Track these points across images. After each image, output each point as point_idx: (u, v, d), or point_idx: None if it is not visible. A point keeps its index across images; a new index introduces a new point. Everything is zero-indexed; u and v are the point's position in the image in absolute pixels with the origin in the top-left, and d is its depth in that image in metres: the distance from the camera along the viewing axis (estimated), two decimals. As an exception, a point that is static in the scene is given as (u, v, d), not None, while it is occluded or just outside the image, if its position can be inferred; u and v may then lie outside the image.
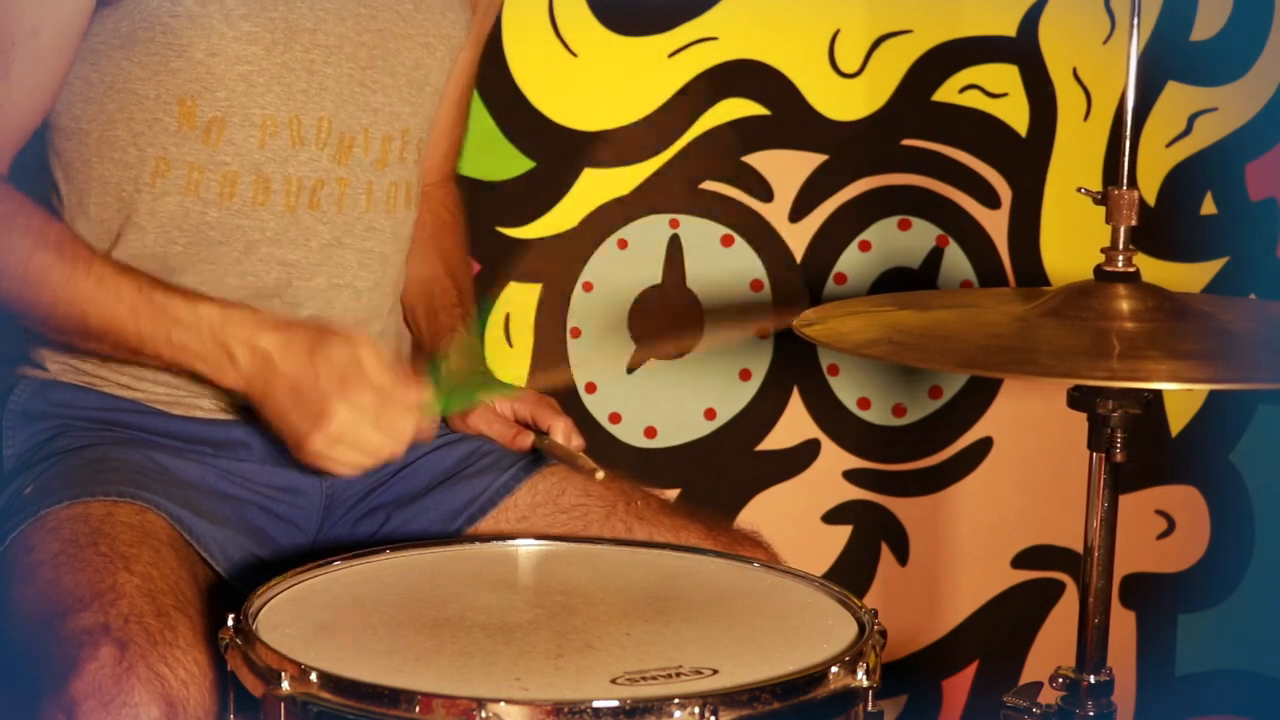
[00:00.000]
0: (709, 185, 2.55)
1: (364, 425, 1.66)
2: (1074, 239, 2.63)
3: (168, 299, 1.72)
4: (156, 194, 1.79)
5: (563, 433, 1.93)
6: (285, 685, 1.39)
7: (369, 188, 1.86)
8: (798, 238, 2.58)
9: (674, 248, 2.54)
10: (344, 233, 1.85)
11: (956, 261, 2.64)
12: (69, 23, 1.74)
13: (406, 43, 1.87)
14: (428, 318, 2.04)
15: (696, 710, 1.34)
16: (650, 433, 2.57)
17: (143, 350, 1.72)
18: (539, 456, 1.93)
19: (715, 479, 2.61)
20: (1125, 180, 1.72)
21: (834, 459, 2.65)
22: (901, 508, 2.69)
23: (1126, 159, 1.74)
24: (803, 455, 2.64)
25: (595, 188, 2.50)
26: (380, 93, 1.85)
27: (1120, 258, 1.72)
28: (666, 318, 2.56)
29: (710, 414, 2.59)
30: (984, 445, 2.70)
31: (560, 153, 2.48)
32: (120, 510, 1.68)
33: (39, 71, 1.75)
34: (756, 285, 2.57)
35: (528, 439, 1.94)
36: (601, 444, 2.54)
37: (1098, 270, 1.73)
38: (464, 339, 1.99)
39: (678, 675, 1.40)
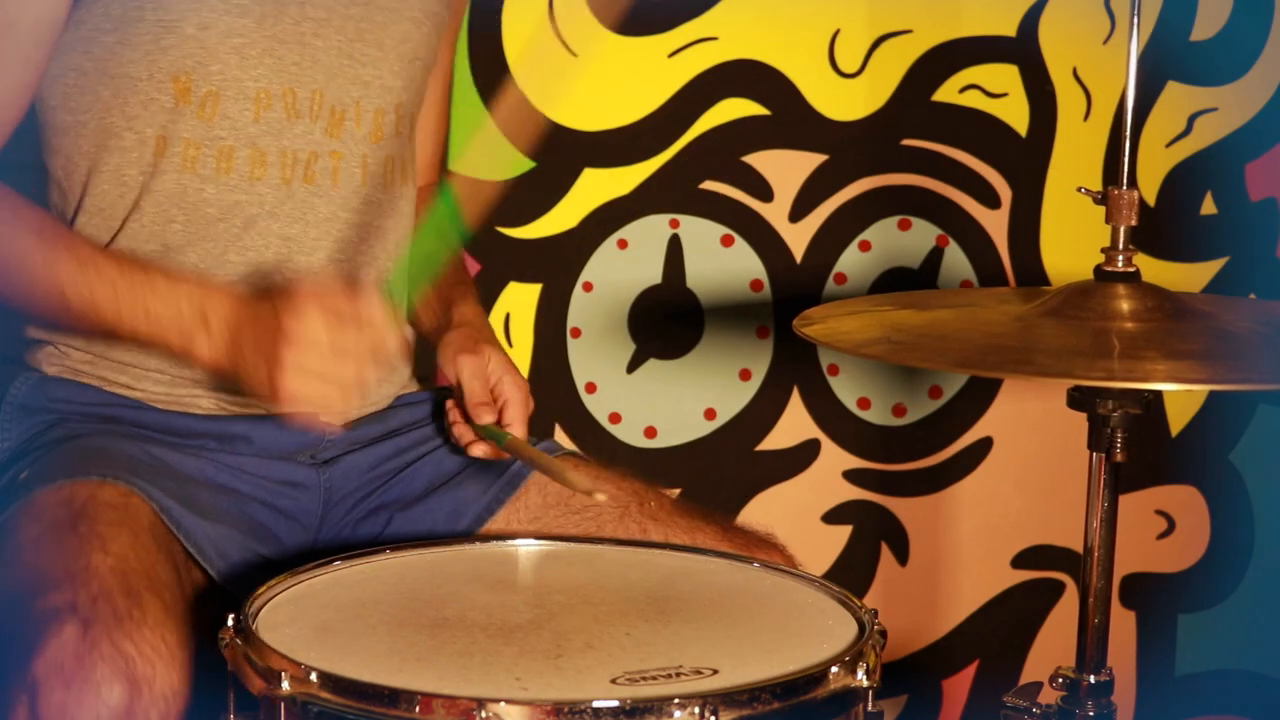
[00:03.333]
0: (709, 185, 2.55)
1: (322, 351, 1.62)
2: (1074, 239, 2.63)
3: (148, 274, 1.72)
4: (155, 174, 1.79)
5: (518, 420, 1.84)
6: (285, 685, 1.39)
7: (364, 161, 1.86)
8: (798, 238, 2.58)
9: (674, 248, 2.54)
10: (341, 206, 1.85)
11: (956, 261, 2.64)
12: (45, 15, 1.74)
13: (393, 16, 1.88)
14: (435, 291, 2.00)
15: (696, 710, 1.34)
16: (650, 433, 2.57)
17: (119, 326, 1.72)
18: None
19: (715, 479, 2.61)
20: (1125, 180, 1.72)
21: (834, 459, 2.65)
22: (901, 508, 2.69)
23: (1126, 159, 1.74)
24: (803, 455, 2.64)
25: (595, 188, 2.50)
26: (370, 66, 1.86)
27: (1120, 258, 1.72)
28: (666, 318, 2.56)
29: (710, 414, 2.59)
30: (984, 445, 2.70)
31: (560, 153, 2.48)
32: (104, 492, 1.68)
33: (16, 65, 1.75)
34: (756, 285, 2.57)
35: (479, 449, 1.85)
36: (601, 444, 2.54)
37: (1098, 270, 1.73)
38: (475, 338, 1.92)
39: (678, 675, 1.40)
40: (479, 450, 1.84)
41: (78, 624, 1.49)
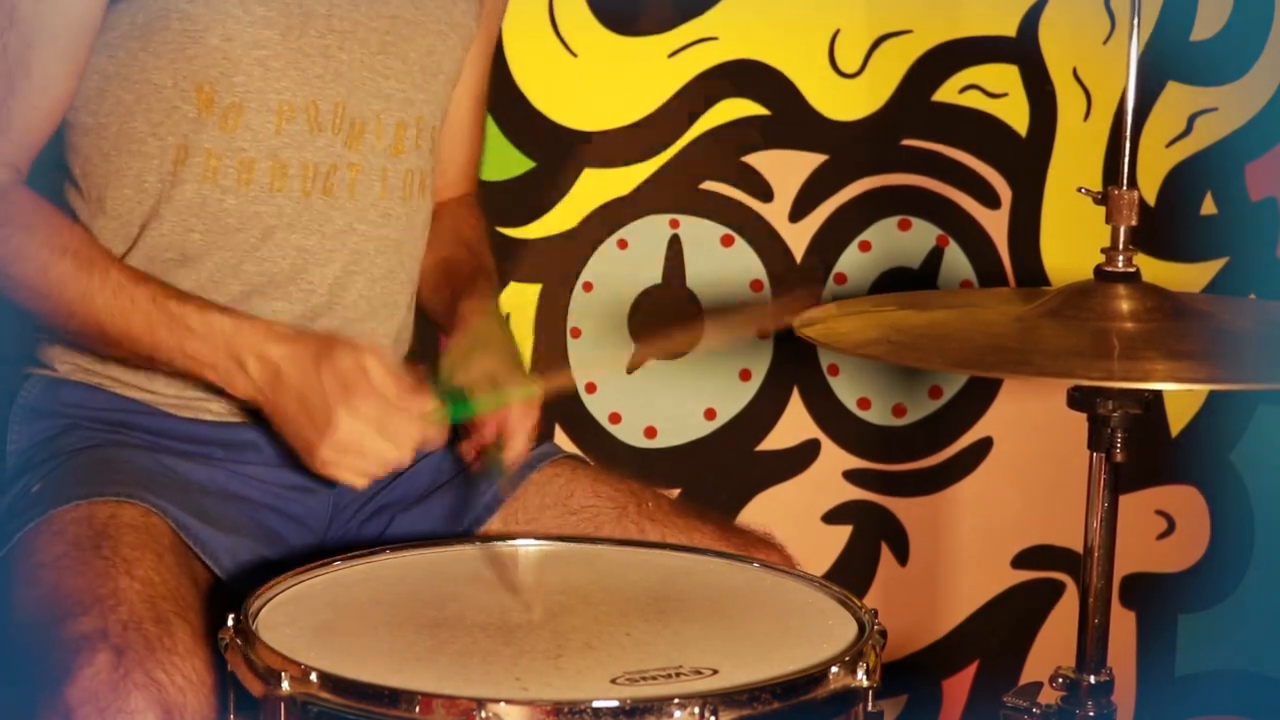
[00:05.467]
0: (709, 185, 2.55)
1: (369, 434, 1.65)
2: (1074, 239, 2.63)
3: (182, 309, 1.72)
4: (175, 182, 1.79)
5: (518, 430, 1.82)
6: (285, 685, 1.39)
7: (383, 174, 1.86)
8: (798, 238, 2.58)
9: (674, 248, 2.54)
10: (358, 219, 1.85)
11: (956, 261, 2.64)
12: (84, 23, 1.75)
13: (419, 30, 1.87)
14: (450, 287, 2.00)
15: (696, 710, 1.34)
16: (650, 433, 2.57)
17: (156, 358, 1.73)
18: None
19: (715, 479, 2.61)
20: (1125, 180, 1.72)
21: (834, 459, 2.65)
22: (901, 508, 2.69)
23: (1126, 159, 1.74)
24: (803, 455, 2.64)
25: (595, 188, 2.50)
26: (393, 79, 1.86)
27: (1120, 258, 1.72)
28: (666, 318, 2.56)
29: (710, 414, 2.59)
30: (984, 445, 2.70)
31: (560, 153, 2.48)
32: (125, 512, 1.68)
33: (59, 73, 1.76)
34: (756, 285, 2.57)
35: (478, 466, 1.87)
36: (601, 444, 2.54)
37: (1098, 270, 1.73)
38: (475, 339, 1.89)
39: (678, 675, 1.40)
40: (479, 469, 1.86)
41: (110, 652, 1.50)
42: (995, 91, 2.61)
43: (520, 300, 2.50)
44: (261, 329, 1.72)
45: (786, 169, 2.57)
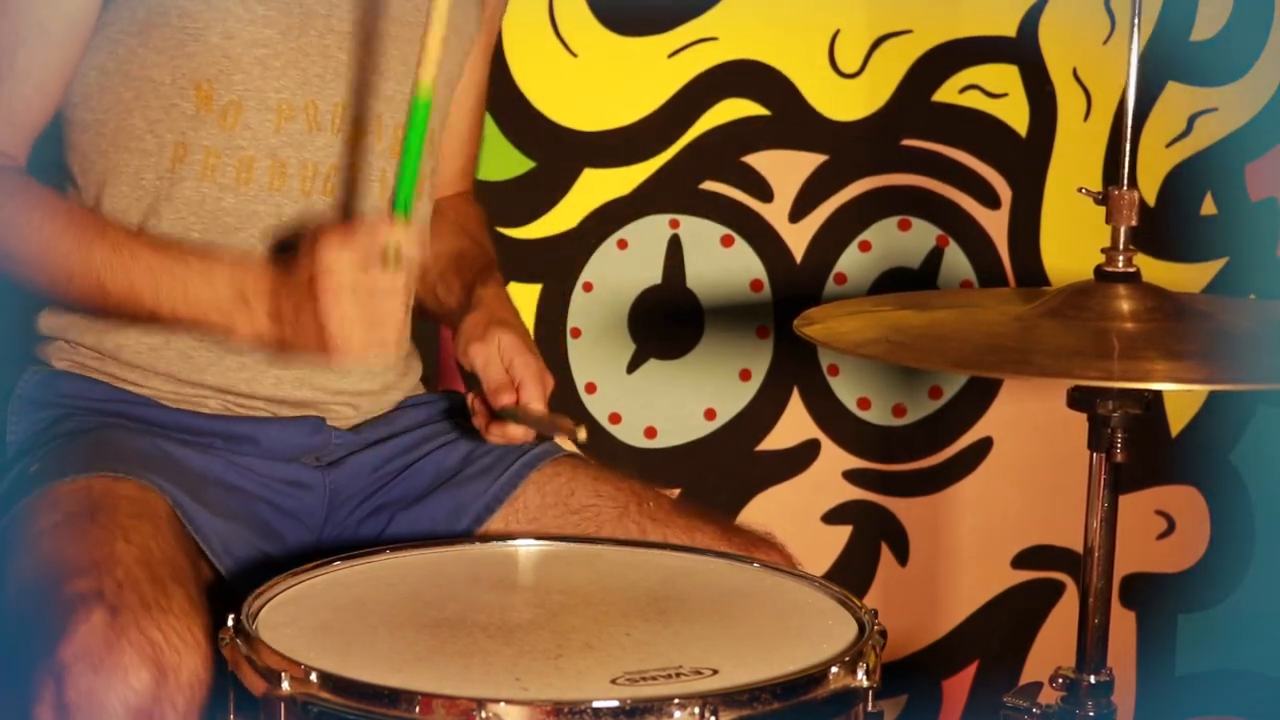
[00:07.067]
0: (709, 185, 2.55)
1: (360, 297, 1.64)
2: (1074, 239, 2.63)
3: (183, 254, 1.73)
4: (174, 180, 1.79)
5: (536, 398, 1.84)
6: (285, 685, 1.39)
7: (382, 175, 1.86)
8: (798, 238, 2.58)
9: (674, 248, 2.55)
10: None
11: (956, 261, 2.64)
12: (76, 17, 1.75)
13: (419, 31, 1.87)
14: (459, 278, 2.00)
15: (696, 710, 1.34)
16: (650, 433, 2.58)
17: (160, 309, 1.73)
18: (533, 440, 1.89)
19: (715, 479, 2.61)
20: (1125, 180, 1.72)
21: (834, 459, 2.65)
22: (901, 508, 2.69)
23: (1126, 159, 1.74)
24: (803, 455, 2.64)
25: (595, 188, 2.51)
26: (393, 80, 1.86)
27: (1120, 258, 1.72)
28: (666, 318, 2.56)
29: (710, 414, 2.59)
30: (984, 445, 2.70)
31: (560, 153, 2.49)
32: (122, 486, 1.68)
33: (48, 66, 1.76)
34: (756, 285, 2.58)
35: (496, 433, 1.86)
36: (602, 444, 2.54)
37: (1098, 270, 1.73)
38: (491, 316, 1.88)
39: (678, 675, 1.40)
40: (496, 436, 1.84)
41: (105, 610, 1.50)
42: (995, 91, 2.61)
43: (520, 300, 2.50)
44: (257, 264, 1.73)
45: (786, 169, 2.57)
